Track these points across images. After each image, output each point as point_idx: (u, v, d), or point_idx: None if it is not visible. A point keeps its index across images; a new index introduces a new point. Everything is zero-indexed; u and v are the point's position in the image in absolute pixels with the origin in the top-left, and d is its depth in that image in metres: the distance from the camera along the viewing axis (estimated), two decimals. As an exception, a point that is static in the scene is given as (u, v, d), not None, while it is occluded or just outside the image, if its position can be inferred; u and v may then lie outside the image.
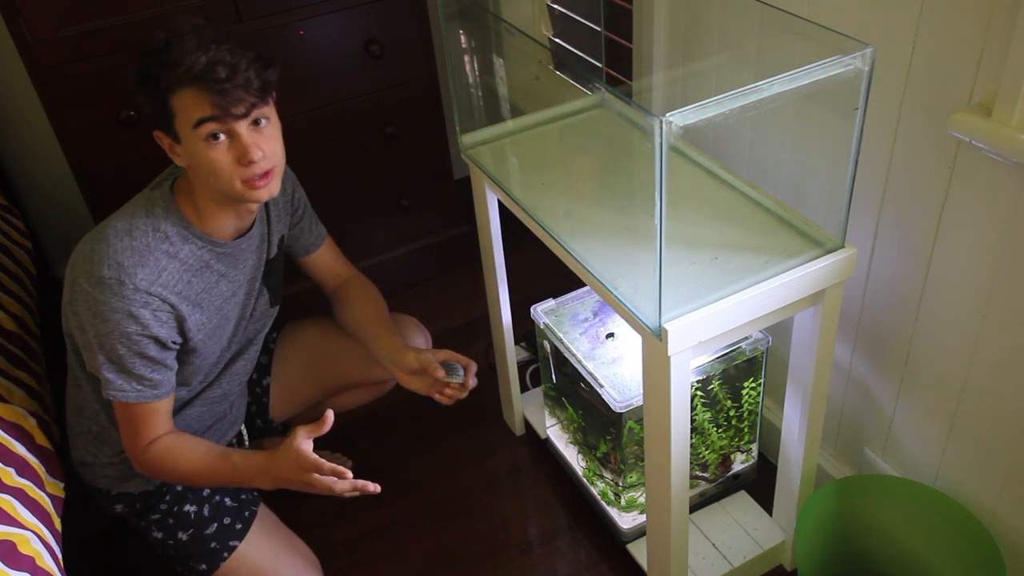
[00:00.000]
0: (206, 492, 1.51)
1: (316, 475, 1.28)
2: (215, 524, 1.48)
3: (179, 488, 1.50)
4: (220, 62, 1.17)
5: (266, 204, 1.46)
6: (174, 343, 1.32)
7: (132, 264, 1.24)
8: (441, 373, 1.46)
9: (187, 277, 1.30)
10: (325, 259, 1.64)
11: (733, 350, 1.48)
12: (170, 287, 1.28)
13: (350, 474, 1.30)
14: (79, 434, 1.47)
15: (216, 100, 1.17)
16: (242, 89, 1.19)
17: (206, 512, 1.49)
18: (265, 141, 1.24)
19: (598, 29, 2.10)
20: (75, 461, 1.50)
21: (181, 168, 1.32)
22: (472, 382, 1.49)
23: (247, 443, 1.72)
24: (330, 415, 1.30)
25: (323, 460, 1.28)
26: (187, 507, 1.49)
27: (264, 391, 1.72)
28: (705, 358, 1.47)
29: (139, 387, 1.30)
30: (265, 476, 1.34)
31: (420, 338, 1.77)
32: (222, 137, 1.21)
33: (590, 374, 1.52)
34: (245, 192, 1.25)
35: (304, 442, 1.28)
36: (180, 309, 1.29)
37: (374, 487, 1.32)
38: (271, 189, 1.27)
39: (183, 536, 1.47)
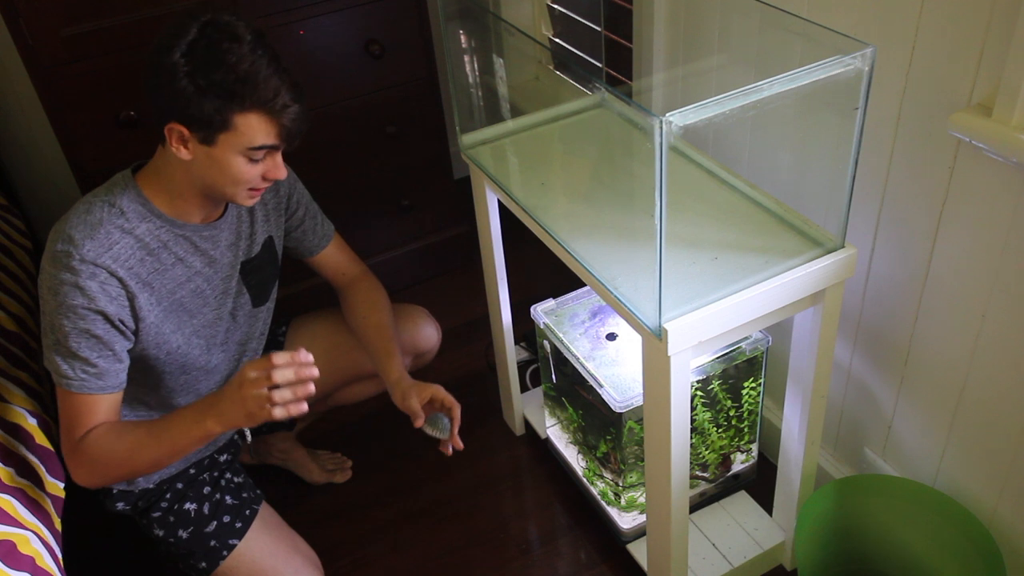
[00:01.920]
0: (207, 490, 1.51)
1: (252, 369, 1.18)
2: (215, 522, 1.48)
3: (179, 486, 1.50)
4: (293, 102, 1.21)
5: None
6: (123, 323, 1.27)
7: (81, 236, 1.23)
8: (420, 422, 1.45)
9: (140, 254, 1.29)
10: (332, 258, 1.63)
11: (733, 350, 1.48)
12: (120, 261, 1.26)
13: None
14: (78, 433, 1.47)
15: (283, 133, 1.23)
16: (303, 123, 1.25)
17: (206, 510, 1.49)
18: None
19: (598, 29, 2.10)
20: (77, 459, 1.49)
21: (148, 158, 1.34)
22: (457, 442, 1.48)
23: (250, 439, 1.71)
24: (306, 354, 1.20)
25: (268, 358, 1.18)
26: (187, 505, 1.49)
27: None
28: (705, 358, 1.47)
29: (83, 374, 1.25)
30: (211, 410, 1.24)
31: (430, 327, 1.77)
32: (264, 157, 1.26)
33: (590, 374, 1.52)
34: (243, 198, 1.30)
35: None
36: (129, 285, 1.27)
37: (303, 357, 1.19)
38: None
39: (183, 534, 1.47)
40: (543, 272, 2.29)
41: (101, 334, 1.25)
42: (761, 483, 1.70)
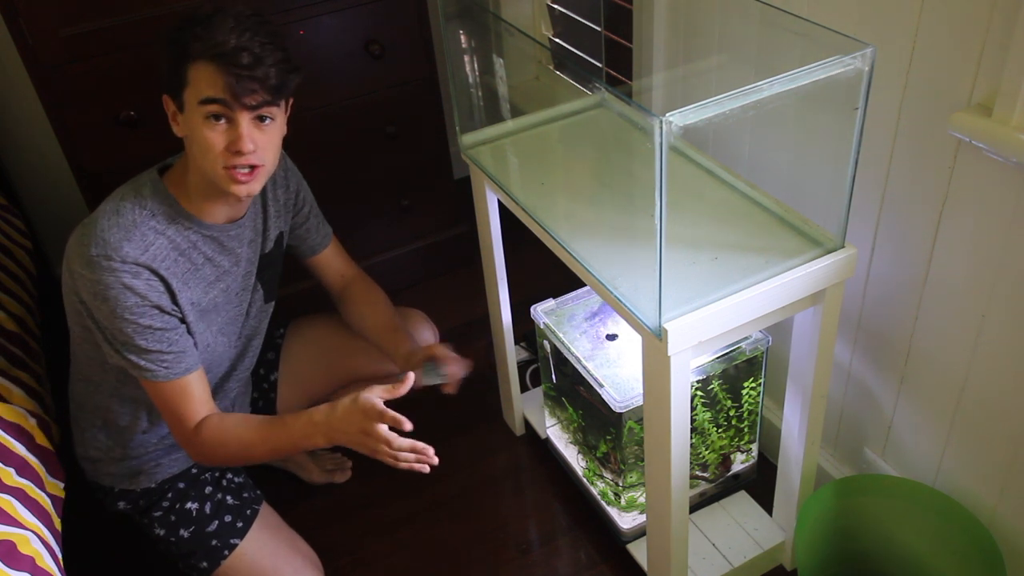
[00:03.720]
0: (208, 490, 1.51)
1: (377, 427, 1.23)
2: (216, 522, 1.48)
3: (181, 486, 1.50)
4: (247, 49, 1.18)
5: (264, 198, 1.46)
6: (175, 311, 1.30)
7: (117, 240, 1.24)
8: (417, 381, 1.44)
9: (174, 255, 1.30)
10: (331, 260, 1.64)
11: (733, 350, 1.49)
12: (158, 260, 1.27)
13: (413, 444, 1.27)
14: (83, 429, 1.47)
15: (229, 84, 1.18)
16: (258, 82, 1.20)
17: (207, 510, 1.49)
18: (262, 139, 1.25)
19: (598, 29, 2.11)
20: (79, 456, 1.50)
21: (175, 157, 1.34)
22: (450, 387, 1.50)
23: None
24: (411, 377, 1.27)
25: (389, 410, 1.23)
26: (189, 504, 1.49)
27: (271, 386, 1.72)
28: (705, 358, 1.47)
29: (164, 365, 1.29)
30: (320, 430, 1.29)
31: (427, 331, 1.78)
32: (222, 120, 1.22)
33: (590, 374, 1.52)
34: (225, 181, 1.25)
35: (375, 397, 1.24)
36: (171, 283, 1.28)
37: (431, 453, 1.28)
38: (252, 187, 1.27)
39: (184, 533, 1.47)
40: (543, 272, 2.29)
41: (163, 325, 1.28)
42: (761, 483, 1.70)
